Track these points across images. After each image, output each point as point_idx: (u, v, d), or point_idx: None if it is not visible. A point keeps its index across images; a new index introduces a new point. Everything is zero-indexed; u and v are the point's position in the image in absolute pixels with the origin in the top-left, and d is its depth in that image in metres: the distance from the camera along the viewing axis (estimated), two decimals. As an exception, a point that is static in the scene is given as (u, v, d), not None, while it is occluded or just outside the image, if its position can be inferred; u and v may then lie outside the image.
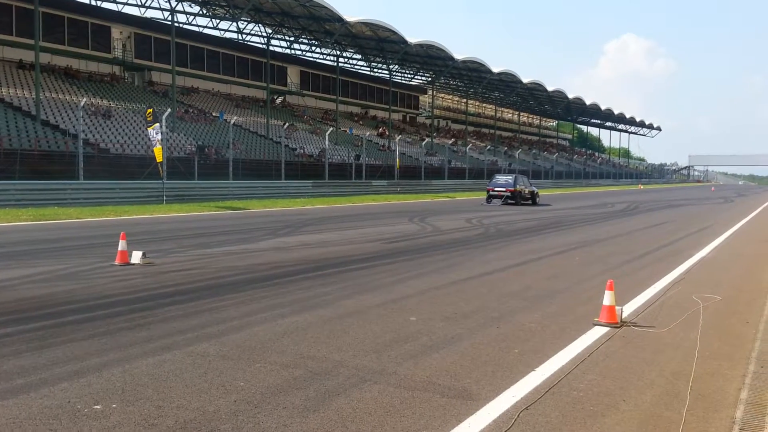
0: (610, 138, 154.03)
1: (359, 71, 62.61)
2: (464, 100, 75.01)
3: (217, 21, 44.32)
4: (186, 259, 9.80)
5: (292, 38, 49.02)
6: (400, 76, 65.72)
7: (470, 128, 77.50)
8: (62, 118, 31.77)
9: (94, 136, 30.53)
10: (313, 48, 52.58)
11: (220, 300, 6.76)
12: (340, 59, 53.88)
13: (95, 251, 10.44)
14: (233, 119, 32.91)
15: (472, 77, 62.42)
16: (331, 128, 42.32)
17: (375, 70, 61.22)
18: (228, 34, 47.32)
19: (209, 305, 6.49)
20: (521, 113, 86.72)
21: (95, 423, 3.51)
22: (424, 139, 60.23)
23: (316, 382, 4.25)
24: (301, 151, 42.39)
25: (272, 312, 6.27)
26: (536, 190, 30.29)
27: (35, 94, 30.11)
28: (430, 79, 65.93)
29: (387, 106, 58.99)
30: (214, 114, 44.18)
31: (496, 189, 28.96)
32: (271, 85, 46.27)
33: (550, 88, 68.78)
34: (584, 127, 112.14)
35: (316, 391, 4.09)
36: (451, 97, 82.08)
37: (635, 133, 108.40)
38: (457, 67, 56.03)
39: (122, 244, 9.14)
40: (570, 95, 74.24)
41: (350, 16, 41.80)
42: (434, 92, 74.85)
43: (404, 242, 12.92)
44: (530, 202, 29.10)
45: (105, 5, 41.11)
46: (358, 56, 56.26)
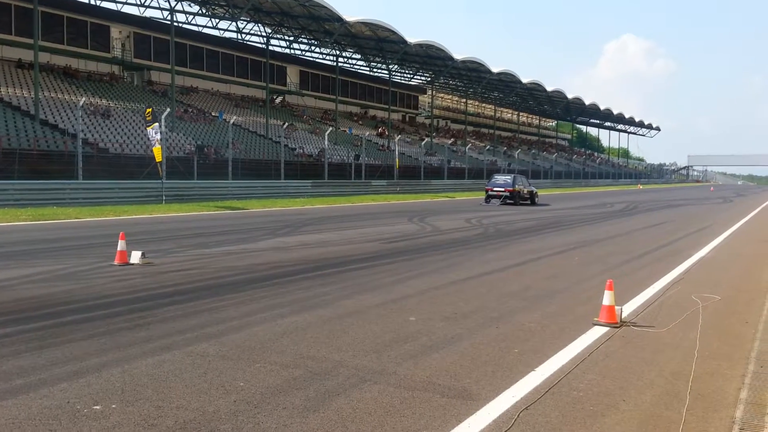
0: (609, 138, 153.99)
1: (359, 71, 62.62)
2: (464, 100, 75.01)
3: (217, 21, 44.32)
4: (185, 259, 9.80)
5: (292, 38, 49.03)
6: (400, 76, 65.73)
7: (470, 128, 77.52)
8: (61, 118, 31.75)
9: (93, 135, 30.52)
10: (313, 48, 52.59)
11: (220, 300, 6.76)
12: (340, 59, 53.88)
13: (94, 251, 10.43)
14: (232, 119, 32.92)
15: (472, 77, 62.43)
16: (330, 128, 42.31)
17: (374, 69, 61.24)
18: (227, 34, 47.38)
19: (209, 305, 6.49)
20: (520, 113, 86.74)
21: (95, 423, 3.51)
22: (424, 139, 60.24)
23: (316, 382, 4.25)
24: (301, 150, 42.39)
25: (272, 312, 6.27)
26: (535, 190, 30.27)
27: (34, 94, 30.10)
28: (429, 79, 65.95)
29: (386, 106, 59.00)
30: (213, 114, 44.18)
31: (495, 189, 28.92)
32: (270, 85, 46.25)
33: (549, 88, 68.80)
34: (583, 127, 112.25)
35: (315, 391, 4.09)
36: (450, 97, 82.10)
37: (634, 133, 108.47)
38: (456, 67, 56.04)
39: (121, 244, 9.13)
40: (569, 95, 74.26)
41: (350, 15, 41.80)
42: (434, 92, 74.93)
43: (404, 242, 12.92)
44: (529, 202, 29.09)
45: (104, 5, 41.17)
46: (358, 56, 56.26)
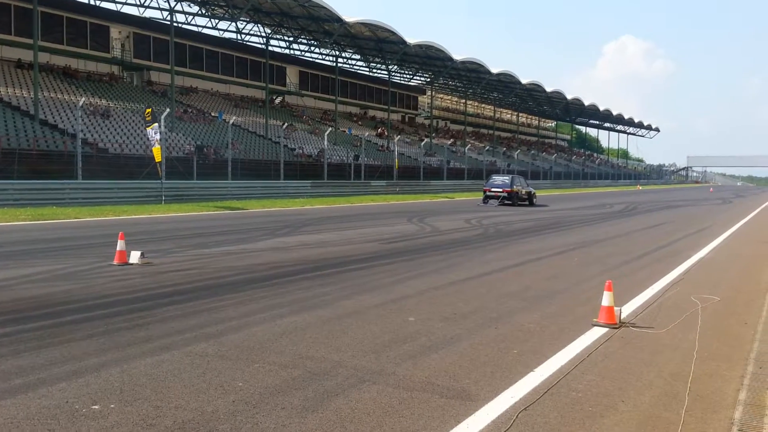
0: (608, 139, 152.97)
1: (358, 71, 62.64)
2: (463, 100, 75.01)
3: (216, 21, 44.32)
4: (184, 259, 9.79)
5: (291, 38, 49.03)
6: (399, 77, 65.75)
7: (469, 129, 77.51)
8: (61, 118, 31.73)
9: (92, 135, 30.51)
10: (312, 48, 52.58)
11: (219, 300, 6.75)
12: (339, 59, 53.88)
13: (93, 251, 10.43)
14: (232, 119, 32.94)
15: (471, 78, 62.44)
16: (330, 128, 42.31)
17: (374, 70, 61.25)
18: (227, 34, 47.36)
19: (208, 305, 6.49)
20: (520, 114, 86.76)
21: (93, 423, 3.51)
22: (423, 140, 60.27)
23: (315, 383, 4.25)
24: (300, 151, 42.39)
25: (271, 312, 6.26)
26: (533, 190, 30.29)
27: (34, 94, 30.08)
28: (429, 79, 65.97)
29: (386, 107, 59.02)
30: (212, 114, 44.17)
31: (493, 189, 28.94)
32: (270, 85, 46.24)
33: (548, 89, 68.83)
34: (583, 128, 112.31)
35: (314, 391, 4.09)
36: (450, 97, 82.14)
37: (634, 134, 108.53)
38: (456, 67, 56.05)
39: (121, 244, 9.13)
40: (569, 96, 74.27)
41: (349, 16, 41.80)
42: (433, 93, 74.98)
43: (403, 242, 12.92)
44: (527, 203, 29.11)
45: (104, 5, 41.16)
46: (357, 56, 56.26)
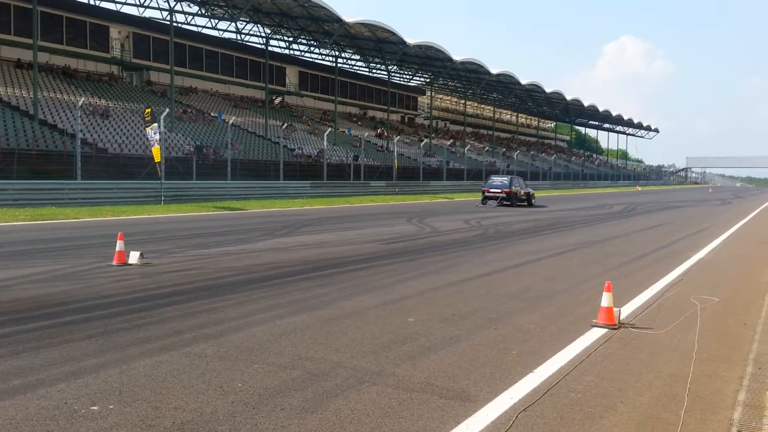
0: (608, 139, 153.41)
1: (358, 72, 62.64)
2: (463, 101, 75.04)
3: (216, 21, 44.30)
4: (184, 260, 9.79)
5: (291, 38, 49.03)
6: (399, 77, 65.77)
7: (469, 129, 77.53)
8: (60, 118, 31.72)
9: (92, 135, 30.51)
10: (312, 48, 52.57)
11: (218, 301, 6.75)
12: (339, 60, 53.89)
13: (93, 251, 10.42)
14: (232, 119, 32.92)
15: (471, 78, 62.46)
16: (329, 129, 42.29)
17: (374, 70, 61.24)
18: (227, 34, 47.34)
19: (207, 306, 6.48)
20: (519, 114, 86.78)
21: (92, 424, 3.51)
22: (423, 140, 60.27)
23: (314, 384, 4.25)
24: (300, 151, 42.39)
25: (270, 313, 6.26)
26: (532, 191, 30.30)
27: (33, 94, 30.08)
28: (428, 80, 65.99)
29: (385, 107, 59.02)
30: (212, 114, 44.17)
31: (492, 190, 28.96)
32: (269, 86, 46.23)
33: (548, 90, 68.84)
34: (582, 129, 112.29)
35: (314, 392, 4.09)
36: (449, 98, 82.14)
37: (633, 134, 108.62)
38: (455, 68, 56.06)
39: (120, 245, 9.12)
40: (568, 97, 74.28)
41: (349, 16, 41.80)
42: (433, 93, 74.98)
43: (403, 243, 12.92)
44: (526, 204, 29.12)
45: (103, 5, 41.13)
46: (357, 57, 56.26)
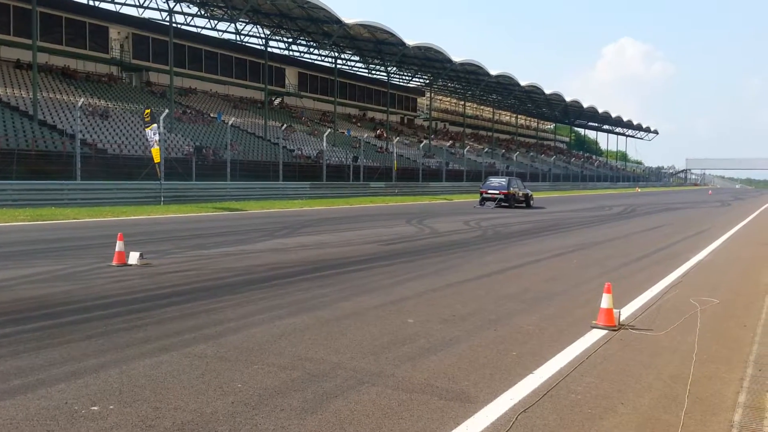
0: (607, 141, 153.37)
1: (357, 73, 62.64)
2: (462, 102, 75.08)
3: (216, 22, 44.31)
4: (183, 260, 9.79)
5: (291, 39, 49.05)
6: (398, 78, 65.80)
7: (468, 130, 77.52)
8: (60, 118, 31.71)
9: (91, 136, 30.49)
10: (311, 49, 52.59)
11: (218, 301, 6.75)
12: (339, 61, 53.91)
13: (92, 252, 10.42)
14: (231, 120, 32.92)
15: (470, 79, 62.50)
16: (329, 130, 42.31)
17: (373, 71, 61.26)
18: (226, 35, 47.32)
19: (207, 306, 6.48)
20: (519, 116, 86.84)
21: (92, 424, 3.51)
22: (422, 141, 60.30)
23: (314, 384, 4.25)
24: (299, 152, 42.38)
25: (270, 313, 6.26)
26: (530, 192, 30.30)
27: (32, 94, 30.06)
28: (428, 81, 66.03)
29: (385, 108, 59.02)
30: (212, 115, 44.15)
31: (490, 191, 28.93)
32: (269, 87, 46.20)
33: (547, 91, 68.88)
34: (582, 130, 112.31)
35: (313, 393, 4.09)
36: (448, 99, 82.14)
37: (633, 136, 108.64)
38: (455, 69, 56.09)
39: (119, 245, 9.12)
40: (567, 98, 74.30)
41: (348, 18, 41.81)
42: (432, 94, 74.95)
43: (402, 244, 12.92)
44: (524, 205, 29.12)
45: (103, 5, 41.12)
46: (356, 58, 56.29)
